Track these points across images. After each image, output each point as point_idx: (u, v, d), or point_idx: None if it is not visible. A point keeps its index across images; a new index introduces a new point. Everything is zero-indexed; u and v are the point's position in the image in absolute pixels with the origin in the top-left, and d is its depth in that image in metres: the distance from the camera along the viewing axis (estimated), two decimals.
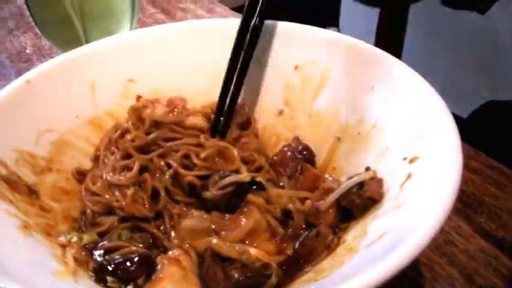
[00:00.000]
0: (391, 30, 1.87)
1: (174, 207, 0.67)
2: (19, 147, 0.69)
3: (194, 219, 0.65)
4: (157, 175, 0.70)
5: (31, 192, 0.67)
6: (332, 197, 0.64)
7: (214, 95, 0.80)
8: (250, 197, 0.65)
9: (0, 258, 0.51)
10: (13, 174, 0.66)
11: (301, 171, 0.72)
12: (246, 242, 0.62)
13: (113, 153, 0.73)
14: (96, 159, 0.76)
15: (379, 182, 0.62)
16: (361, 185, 0.62)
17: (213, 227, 0.64)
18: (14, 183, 0.65)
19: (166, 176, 0.69)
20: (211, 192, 0.65)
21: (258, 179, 0.68)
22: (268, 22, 0.84)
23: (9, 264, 0.51)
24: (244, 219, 0.63)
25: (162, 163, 0.70)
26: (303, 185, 0.71)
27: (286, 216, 0.67)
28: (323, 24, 0.80)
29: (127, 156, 0.72)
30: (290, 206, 0.67)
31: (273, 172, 0.73)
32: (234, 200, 0.65)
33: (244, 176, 0.65)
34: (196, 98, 0.83)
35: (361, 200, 0.62)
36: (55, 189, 0.71)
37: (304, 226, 0.66)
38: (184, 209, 0.67)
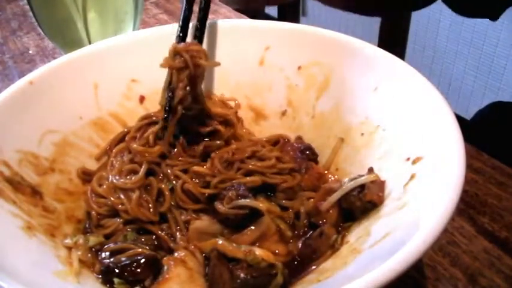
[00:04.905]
0: (393, 37, 1.88)
1: (182, 214, 0.68)
2: (22, 148, 0.69)
3: (204, 222, 0.66)
4: (164, 179, 0.70)
5: (34, 193, 0.67)
6: (332, 199, 0.65)
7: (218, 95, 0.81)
8: (266, 206, 0.65)
9: (3, 258, 0.52)
10: (16, 175, 0.66)
11: (306, 169, 0.72)
12: (256, 244, 0.63)
13: (122, 155, 0.74)
14: (101, 158, 0.77)
15: (380, 185, 0.62)
16: (362, 187, 0.62)
17: (223, 231, 0.65)
18: (17, 184, 0.65)
19: (178, 186, 0.69)
20: (225, 208, 0.64)
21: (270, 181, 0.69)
22: (271, 22, 0.84)
23: (12, 265, 0.51)
24: (253, 226, 0.64)
25: (170, 171, 0.70)
26: (308, 183, 0.71)
27: (294, 217, 0.67)
28: None
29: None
30: (301, 208, 0.67)
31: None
32: (245, 222, 0.64)
33: (262, 206, 0.64)
34: None
35: (361, 203, 0.62)
36: (58, 190, 0.71)
37: (308, 226, 0.66)
38: (193, 215, 0.67)
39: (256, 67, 0.83)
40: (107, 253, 0.63)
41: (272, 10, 3.37)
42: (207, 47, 0.84)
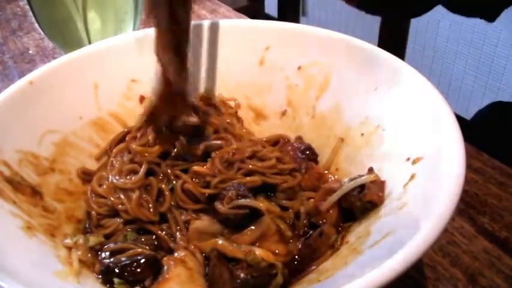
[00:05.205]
0: (393, 37, 1.88)
1: (182, 214, 0.68)
2: (22, 148, 0.69)
3: (204, 222, 0.66)
4: (164, 179, 0.70)
5: (34, 193, 0.67)
6: (332, 199, 0.65)
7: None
8: (266, 206, 0.65)
9: (3, 258, 0.51)
10: (16, 175, 0.66)
11: (306, 169, 0.72)
12: (256, 244, 0.63)
13: (122, 155, 0.74)
14: (101, 158, 0.77)
15: (380, 185, 0.62)
16: (362, 187, 0.62)
17: (223, 231, 0.65)
18: (17, 184, 0.65)
19: (178, 186, 0.69)
20: (224, 208, 0.64)
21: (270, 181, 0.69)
22: (271, 22, 0.84)
23: (12, 265, 0.51)
24: (253, 226, 0.64)
25: (170, 171, 0.70)
26: (308, 183, 0.71)
27: (294, 217, 0.67)
28: None
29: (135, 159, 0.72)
30: (301, 208, 0.67)
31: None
32: (245, 222, 0.64)
33: (262, 206, 0.64)
34: None
35: (361, 203, 0.62)
36: (58, 190, 0.71)
37: (308, 226, 0.66)
38: (193, 215, 0.67)
39: (256, 67, 0.83)
40: (107, 253, 0.63)
41: (272, 10, 3.38)
42: (206, 47, 0.85)
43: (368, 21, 2.94)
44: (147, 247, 0.64)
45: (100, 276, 0.61)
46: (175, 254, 0.61)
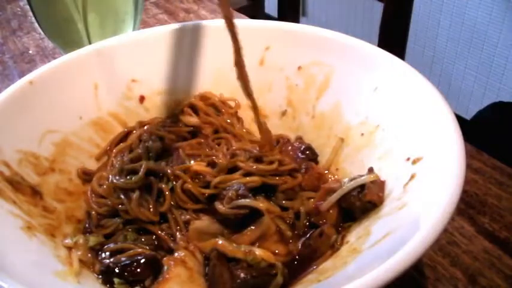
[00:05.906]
0: (393, 37, 1.87)
1: (182, 214, 0.68)
2: (22, 148, 0.69)
3: (204, 222, 0.66)
4: (164, 179, 0.70)
5: (34, 193, 0.67)
6: (332, 199, 0.65)
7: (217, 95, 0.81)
8: (266, 206, 0.65)
9: (3, 258, 0.51)
10: (16, 175, 0.66)
11: (306, 169, 0.72)
12: (256, 244, 0.63)
13: (122, 155, 0.74)
14: (101, 158, 0.78)
15: (380, 185, 0.62)
16: (362, 187, 0.62)
17: (223, 231, 0.65)
18: (17, 184, 0.65)
19: (178, 186, 0.69)
20: (224, 208, 0.64)
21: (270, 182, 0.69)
22: (271, 22, 0.84)
23: (12, 265, 0.51)
24: (253, 226, 0.64)
25: (170, 171, 0.71)
26: (308, 183, 0.71)
27: (294, 217, 0.67)
28: None
29: (136, 159, 0.72)
30: (301, 208, 0.67)
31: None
32: (245, 222, 0.64)
33: (262, 206, 0.64)
34: None
35: (361, 203, 0.62)
36: (58, 190, 0.71)
37: (308, 226, 0.66)
38: (193, 215, 0.67)
39: (256, 67, 0.83)
40: (107, 253, 0.63)
41: (272, 10, 3.37)
42: (206, 47, 0.85)
43: (368, 21, 2.94)
44: (147, 247, 0.64)
45: (100, 276, 0.61)
46: (175, 254, 0.61)
